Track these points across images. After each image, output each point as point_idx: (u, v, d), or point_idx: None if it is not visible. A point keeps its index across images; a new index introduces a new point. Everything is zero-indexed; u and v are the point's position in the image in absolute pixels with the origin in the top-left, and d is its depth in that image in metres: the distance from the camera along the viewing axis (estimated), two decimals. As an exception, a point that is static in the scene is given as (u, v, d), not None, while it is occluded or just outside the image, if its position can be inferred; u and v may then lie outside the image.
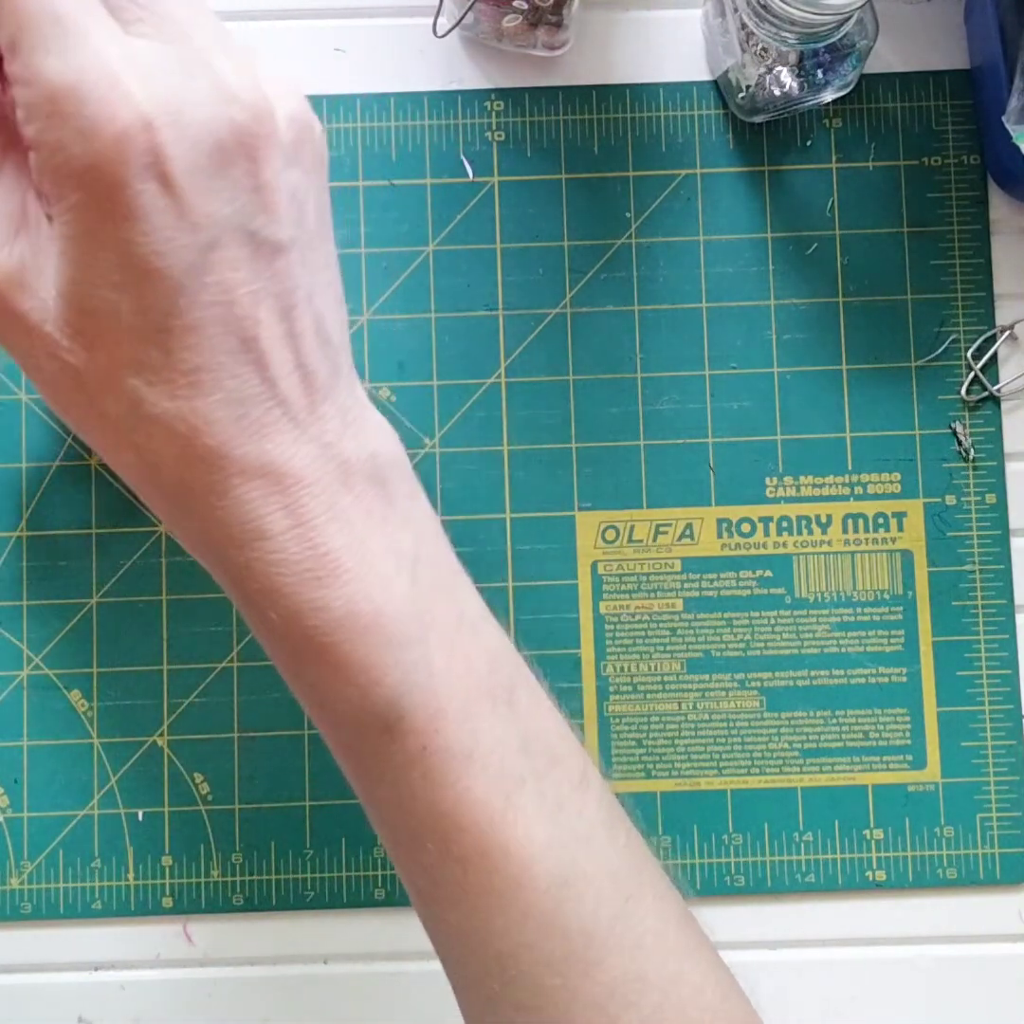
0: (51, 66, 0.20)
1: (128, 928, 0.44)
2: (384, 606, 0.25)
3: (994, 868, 0.44)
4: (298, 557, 0.24)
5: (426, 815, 0.26)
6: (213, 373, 0.23)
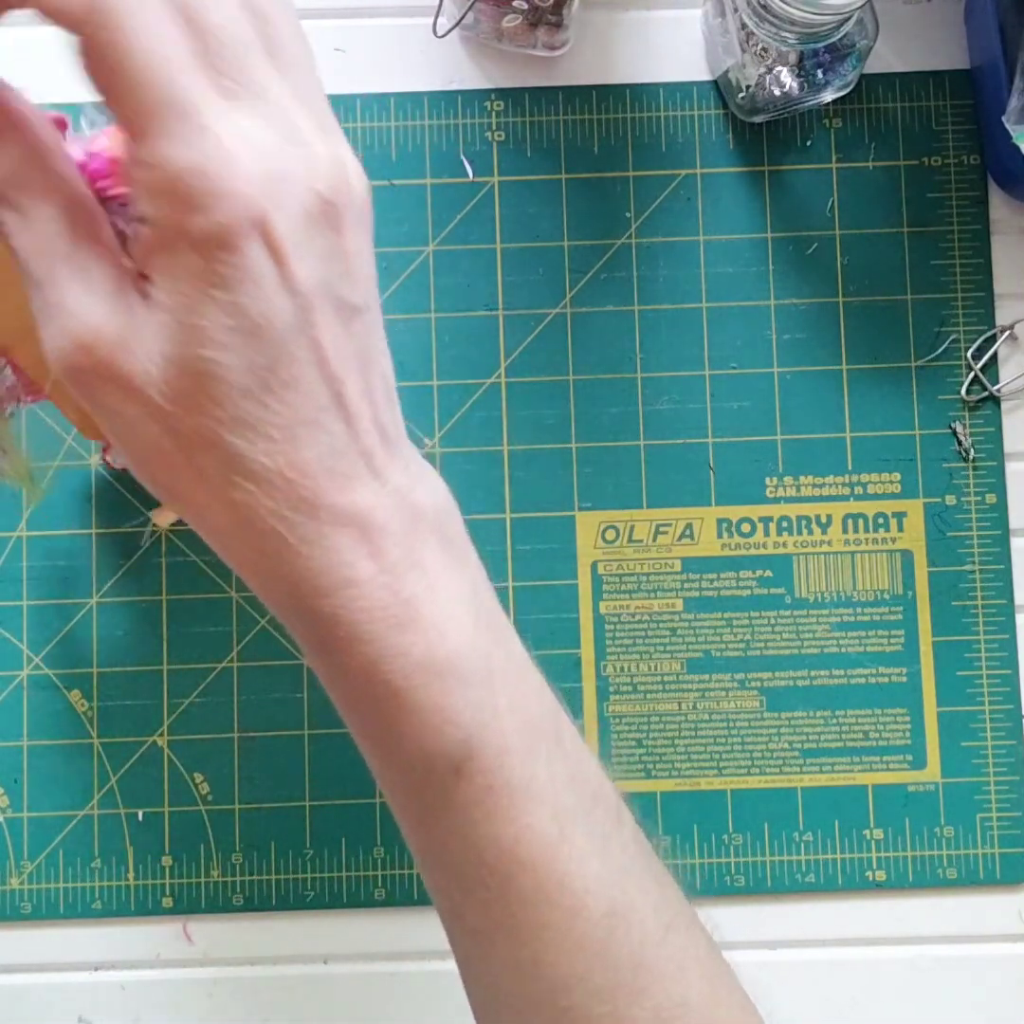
0: (174, 151, 0.22)
1: (128, 928, 0.44)
2: (457, 649, 0.26)
3: (994, 868, 0.44)
4: (382, 604, 0.25)
5: (487, 852, 0.27)
6: (308, 428, 0.24)
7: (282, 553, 0.25)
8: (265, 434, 0.24)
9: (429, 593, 0.26)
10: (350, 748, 0.45)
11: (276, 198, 0.23)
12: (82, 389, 0.24)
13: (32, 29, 0.47)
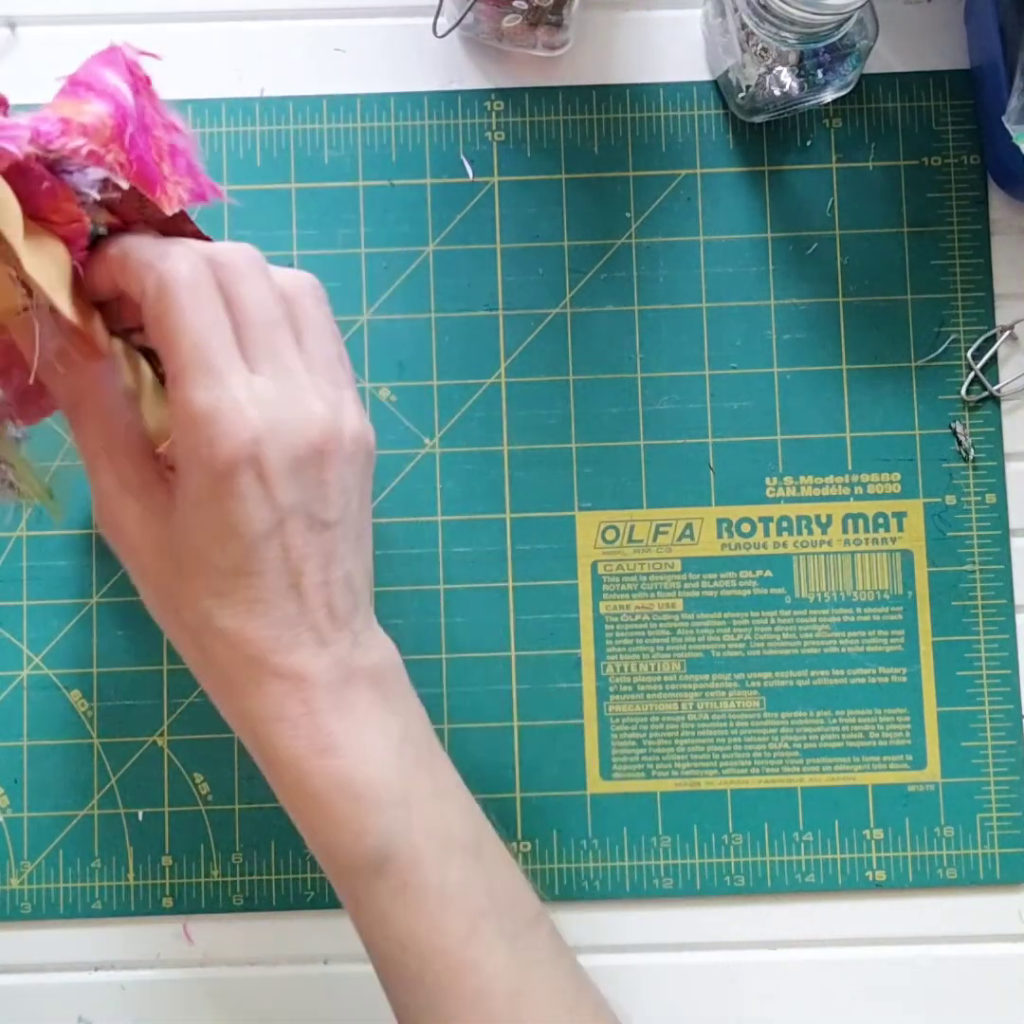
0: (197, 398, 0.30)
1: (128, 928, 0.44)
2: (373, 775, 0.32)
3: (994, 868, 0.44)
4: (307, 734, 0.32)
5: (407, 939, 0.33)
6: (265, 604, 0.32)
7: (233, 689, 0.33)
8: (232, 604, 0.32)
9: (354, 730, 0.32)
10: (350, 748, 0.44)
11: (272, 442, 0.30)
12: (110, 541, 0.34)
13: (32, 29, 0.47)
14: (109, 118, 0.30)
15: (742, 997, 0.44)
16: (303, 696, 0.32)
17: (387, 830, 0.32)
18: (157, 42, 0.46)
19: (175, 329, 0.30)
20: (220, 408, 0.30)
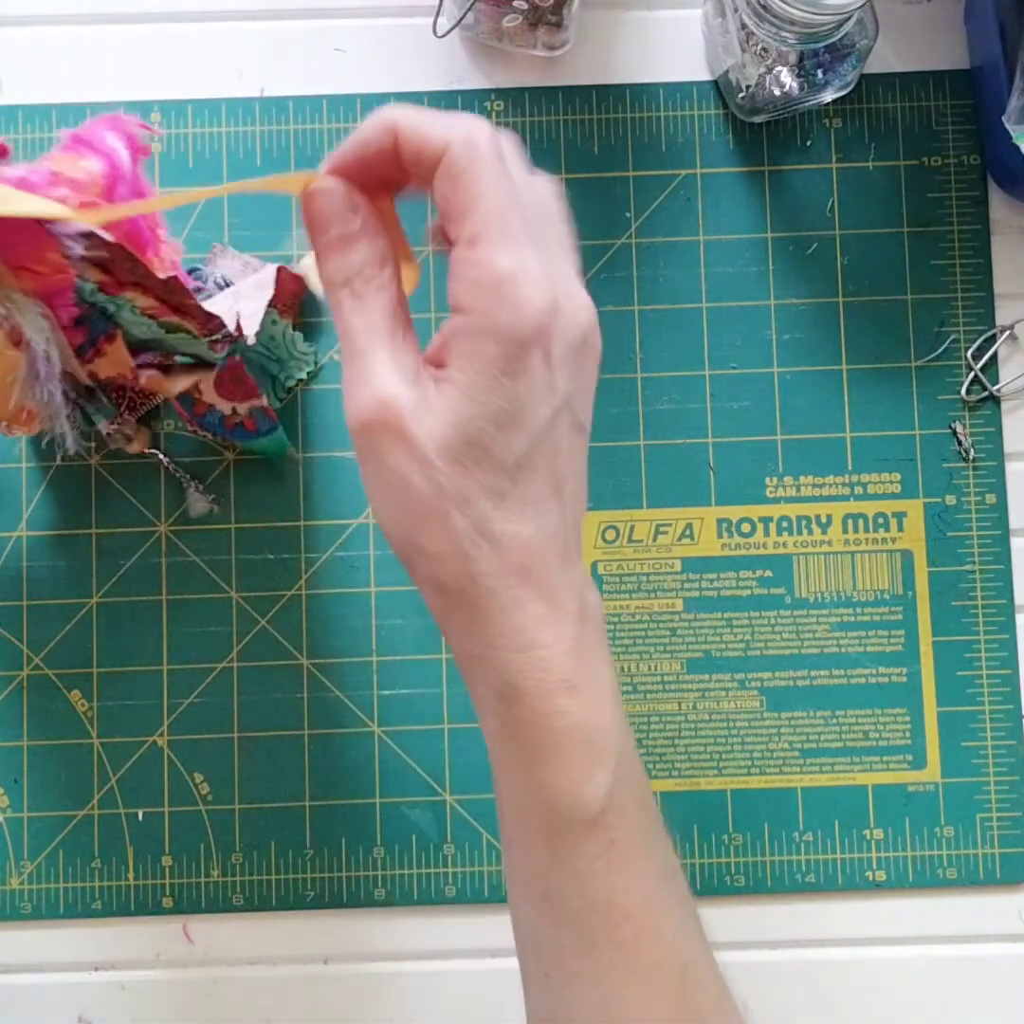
0: (502, 258, 0.28)
1: (128, 928, 0.44)
2: (606, 722, 0.30)
3: (994, 868, 0.44)
4: (559, 668, 0.29)
5: (599, 899, 0.31)
6: (537, 508, 0.29)
7: (491, 609, 0.29)
8: (509, 506, 0.29)
9: (592, 670, 0.30)
10: (350, 748, 0.45)
11: (560, 320, 0.28)
12: (368, 440, 0.29)
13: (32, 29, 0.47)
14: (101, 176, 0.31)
15: (742, 997, 0.44)
16: (555, 621, 0.30)
17: (609, 780, 0.30)
18: (157, 42, 0.46)
19: (481, 188, 0.28)
20: (525, 272, 0.28)
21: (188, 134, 0.46)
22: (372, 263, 0.30)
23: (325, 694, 0.44)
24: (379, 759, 0.44)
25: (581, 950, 0.31)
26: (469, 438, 0.28)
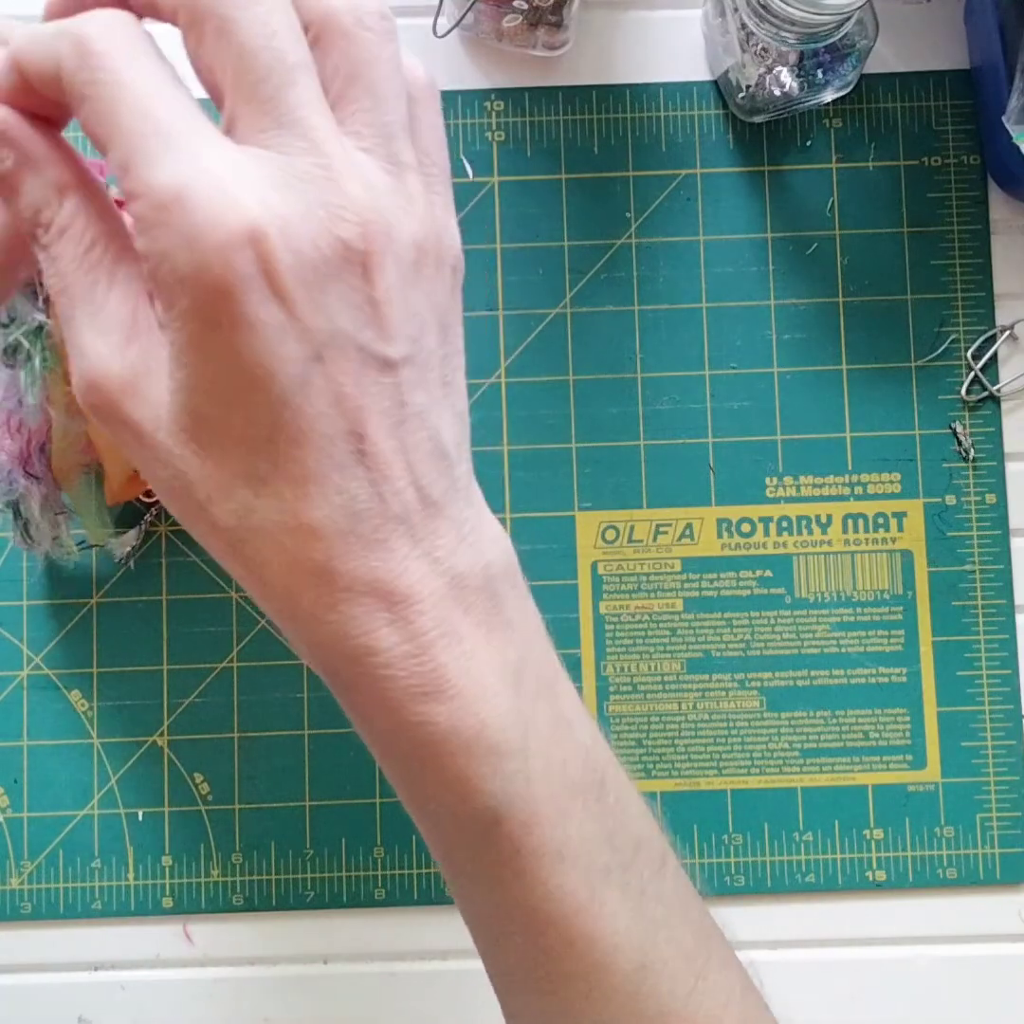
0: (157, 176, 0.21)
1: (128, 928, 0.44)
2: (488, 719, 0.25)
3: (994, 868, 0.44)
4: (405, 673, 0.24)
5: (516, 910, 0.27)
6: (320, 486, 0.22)
7: (298, 615, 0.24)
8: (275, 491, 0.22)
9: (463, 661, 0.25)
10: (350, 748, 0.45)
11: (282, 237, 0.21)
12: (102, 425, 0.23)
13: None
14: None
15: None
16: (394, 618, 0.23)
17: (500, 788, 0.25)
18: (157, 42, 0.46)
19: (110, 95, 0.22)
20: (193, 186, 0.20)
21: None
22: (45, 202, 0.23)
23: (325, 694, 0.44)
24: (379, 759, 0.44)
25: (515, 962, 0.28)
26: (194, 413, 0.22)
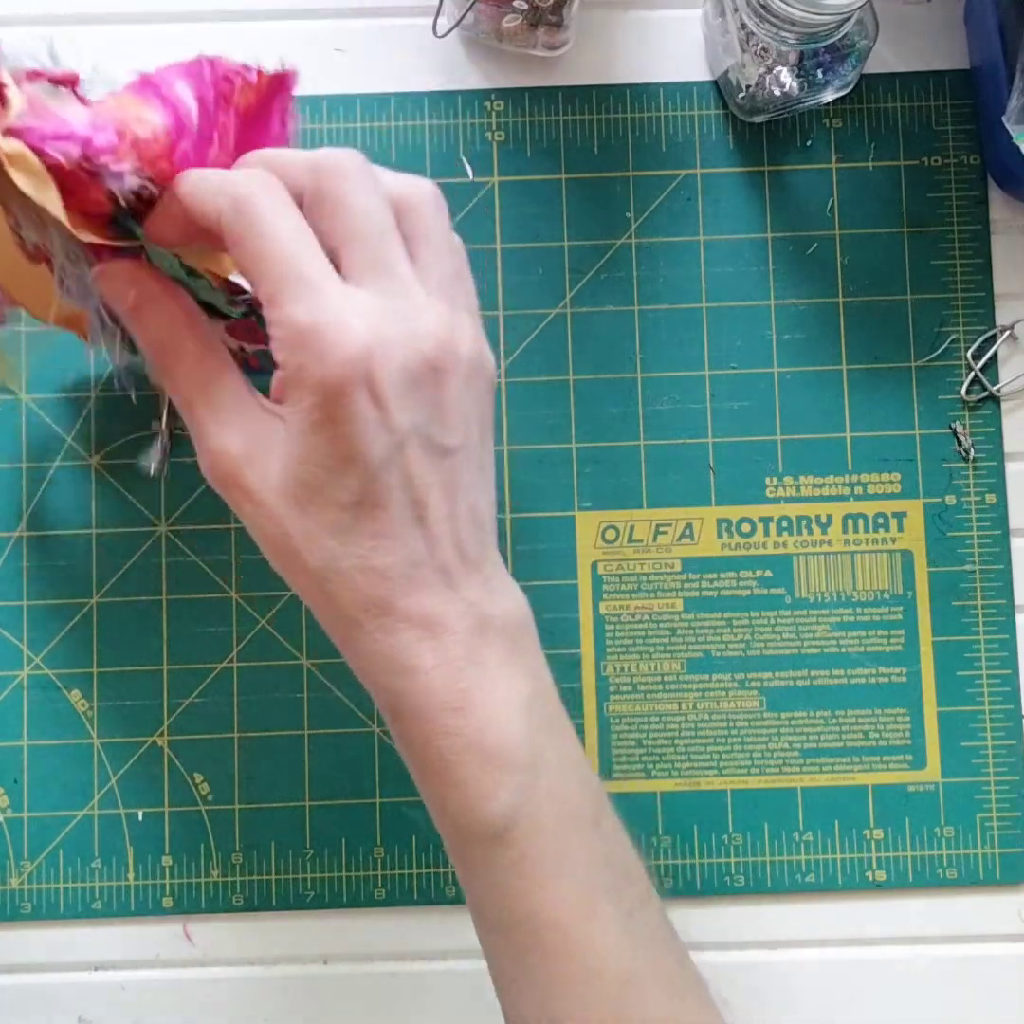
0: (297, 312, 0.28)
1: (128, 928, 0.44)
2: (505, 738, 0.30)
3: (994, 868, 0.44)
4: (441, 689, 0.30)
5: (519, 911, 0.31)
6: (391, 540, 0.30)
7: (360, 636, 0.30)
8: (356, 542, 0.29)
9: (487, 687, 0.30)
10: (350, 748, 0.45)
11: (383, 358, 0.28)
12: (221, 492, 0.31)
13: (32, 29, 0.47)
14: (164, 134, 0.30)
15: (742, 997, 0.44)
16: (435, 644, 0.30)
17: (513, 797, 0.30)
18: (157, 42, 0.46)
19: (259, 245, 0.28)
20: (324, 320, 0.28)
21: (188, 134, 0.46)
22: (174, 328, 0.32)
23: (325, 694, 0.44)
24: (379, 759, 0.44)
25: (514, 957, 0.32)
26: (300, 480, 0.29)
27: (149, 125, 0.30)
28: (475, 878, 0.32)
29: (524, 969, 0.31)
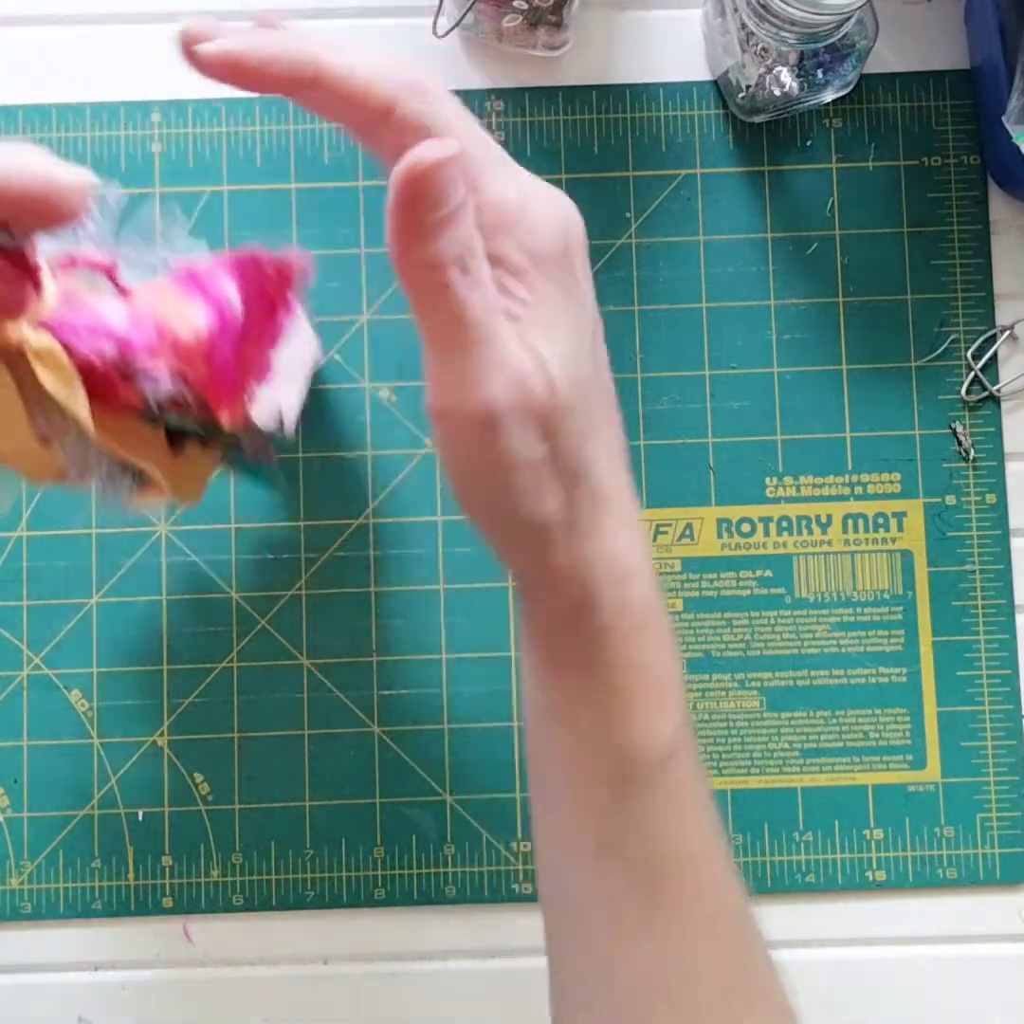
0: (510, 193, 0.27)
1: (128, 928, 0.44)
2: (673, 658, 0.30)
3: (994, 868, 0.44)
4: (640, 603, 0.29)
5: (664, 844, 0.30)
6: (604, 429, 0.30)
7: (585, 547, 0.29)
8: (596, 435, 0.29)
9: (659, 607, 0.31)
10: (350, 748, 0.45)
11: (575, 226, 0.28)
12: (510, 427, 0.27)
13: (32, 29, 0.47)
14: (206, 335, 0.29)
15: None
16: (642, 549, 0.30)
17: (678, 721, 0.30)
18: (157, 42, 0.46)
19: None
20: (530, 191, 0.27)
21: (188, 134, 0.46)
22: (474, 232, 0.27)
23: (325, 694, 0.44)
24: (379, 759, 0.44)
25: (640, 903, 0.30)
26: (576, 380, 0.29)
27: (191, 325, 0.29)
28: (626, 814, 0.30)
29: (646, 915, 0.30)
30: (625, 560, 0.29)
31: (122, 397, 0.29)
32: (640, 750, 0.30)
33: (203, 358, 0.29)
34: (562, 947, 0.32)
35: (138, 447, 0.31)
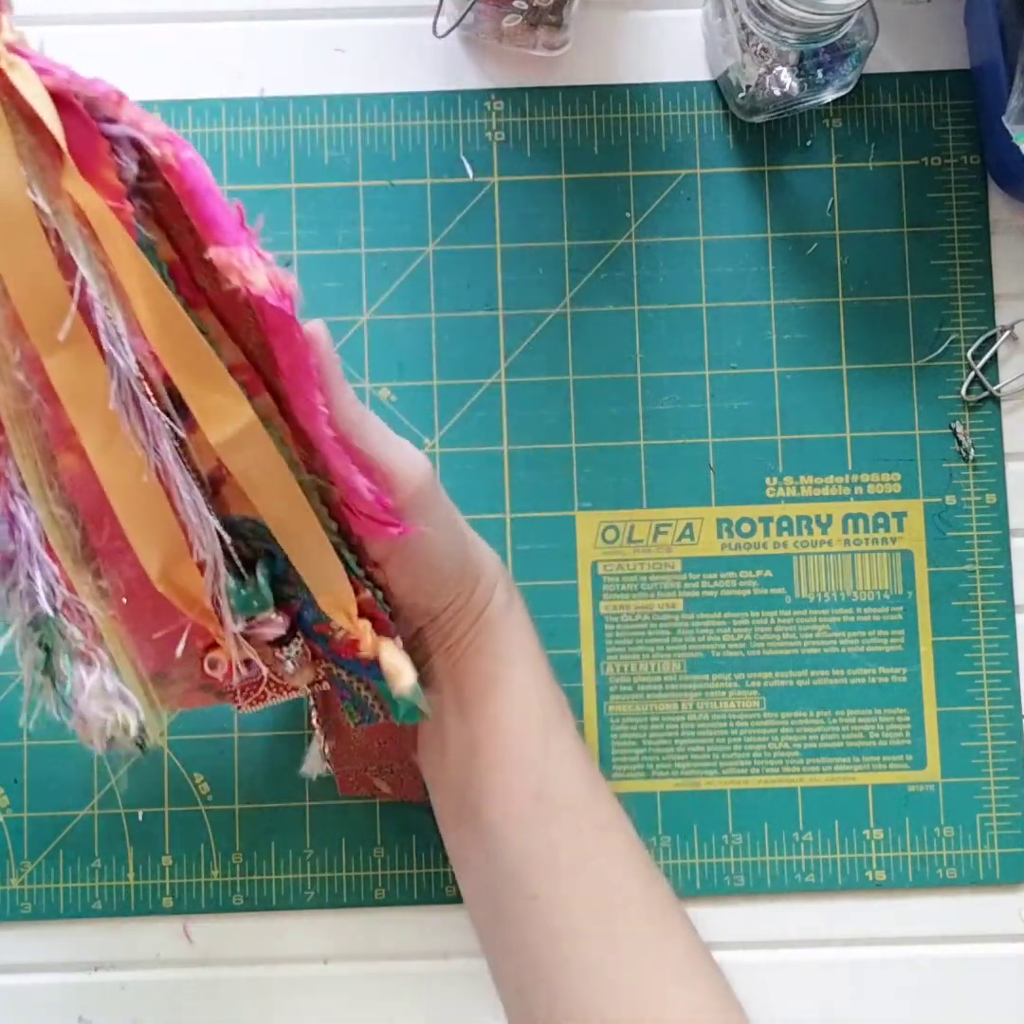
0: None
1: (128, 928, 0.44)
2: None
3: (994, 868, 0.44)
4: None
5: (582, 781, 0.37)
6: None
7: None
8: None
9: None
10: (350, 748, 0.44)
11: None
12: (433, 495, 0.34)
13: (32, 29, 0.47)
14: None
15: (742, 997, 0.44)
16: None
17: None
18: (158, 42, 0.46)
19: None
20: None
21: (188, 134, 0.46)
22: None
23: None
24: (379, 759, 0.44)
25: (570, 839, 0.35)
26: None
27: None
28: (552, 756, 0.37)
29: (577, 848, 0.36)
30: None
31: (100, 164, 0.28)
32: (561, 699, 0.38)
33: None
34: (502, 921, 0.36)
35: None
